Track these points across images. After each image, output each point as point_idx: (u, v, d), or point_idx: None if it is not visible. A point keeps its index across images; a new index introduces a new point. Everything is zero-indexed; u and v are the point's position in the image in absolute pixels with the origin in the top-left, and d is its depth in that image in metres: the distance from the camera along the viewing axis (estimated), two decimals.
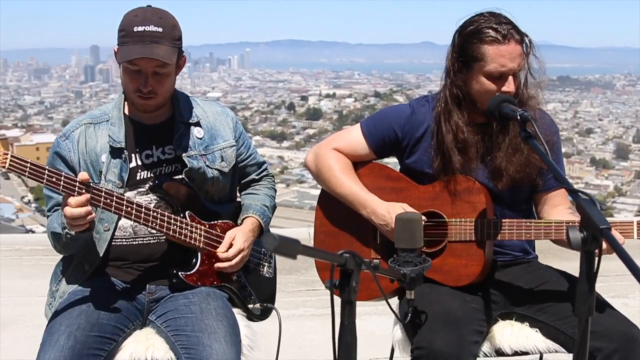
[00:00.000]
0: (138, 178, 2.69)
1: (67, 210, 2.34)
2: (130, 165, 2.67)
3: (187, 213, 2.68)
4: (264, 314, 2.94)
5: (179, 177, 2.70)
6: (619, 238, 2.50)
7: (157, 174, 2.71)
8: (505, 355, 2.69)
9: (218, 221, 2.78)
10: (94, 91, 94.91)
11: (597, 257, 1.89)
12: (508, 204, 2.81)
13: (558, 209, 2.81)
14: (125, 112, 2.74)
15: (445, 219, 2.75)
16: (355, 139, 2.90)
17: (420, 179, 2.83)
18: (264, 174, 3.04)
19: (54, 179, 2.33)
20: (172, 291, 2.70)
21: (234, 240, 2.74)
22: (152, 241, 2.70)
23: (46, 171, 2.33)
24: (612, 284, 5.26)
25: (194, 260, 2.71)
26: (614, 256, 1.87)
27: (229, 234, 2.76)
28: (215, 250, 2.72)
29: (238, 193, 3.02)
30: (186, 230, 2.66)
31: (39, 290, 3.42)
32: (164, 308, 2.66)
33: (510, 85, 2.63)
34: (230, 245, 2.73)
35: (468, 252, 2.72)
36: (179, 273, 2.66)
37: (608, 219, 1.90)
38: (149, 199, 2.68)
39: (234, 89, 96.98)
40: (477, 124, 2.75)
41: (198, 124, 2.78)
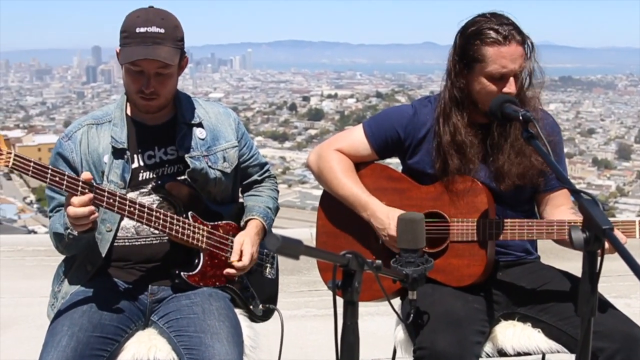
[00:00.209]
0: (140, 179, 2.69)
1: (70, 210, 2.34)
2: (132, 166, 2.67)
3: (190, 213, 2.68)
4: (266, 315, 2.94)
5: (182, 178, 2.71)
6: (622, 238, 2.50)
7: (160, 174, 2.71)
8: (507, 355, 2.69)
9: (221, 222, 2.77)
10: (96, 92, 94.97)
11: (600, 258, 1.89)
12: (510, 204, 2.81)
13: (560, 209, 2.81)
14: (128, 113, 2.74)
15: (448, 220, 2.75)
16: (357, 139, 2.90)
17: (422, 180, 2.83)
18: (266, 174, 3.04)
19: (57, 179, 2.33)
20: (175, 292, 2.70)
21: (243, 246, 2.74)
22: (155, 242, 2.70)
23: (49, 171, 2.33)
24: (614, 284, 5.25)
25: (196, 260, 2.71)
26: (616, 256, 1.86)
27: (238, 239, 2.76)
28: (219, 252, 2.72)
29: (240, 194, 3.02)
30: (189, 231, 2.66)
31: (41, 291, 3.42)
32: (167, 309, 2.66)
33: (511, 86, 2.63)
34: (241, 252, 2.73)
35: (470, 253, 2.72)
36: (182, 273, 2.66)
37: (610, 219, 1.90)
38: (151, 200, 2.68)
39: (236, 90, 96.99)
40: (479, 124, 2.75)
41: (200, 125, 2.78)
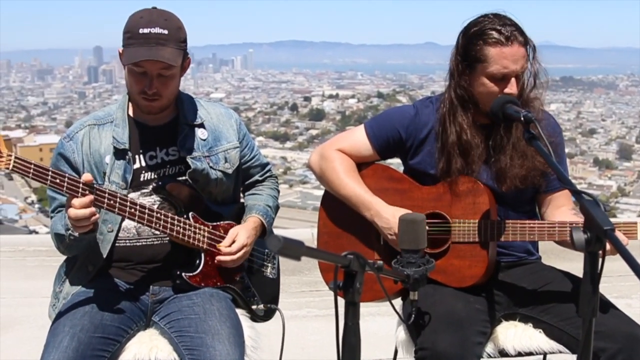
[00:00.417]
0: (142, 179, 2.69)
1: (71, 212, 2.34)
2: (134, 167, 2.67)
3: (191, 214, 2.68)
4: (268, 315, 2.94)
5: (183, 179, 2.71)
6: (623, 239, 2.50)
7: (161, 175, 2.71)
8: (508, 356, 2.69)
9: (221, 222, 2.78)
10: (97, 92, 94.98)
11: (601, 258, 1.89)
12: (512, 204, 2.81)
13: (561, 209, 2.81)
14: (129, 114, 2.74)
15: (449, 220, 2.75)
16: (359, 140, 2.90)
17: (423, 180, 2.83)
18: (267, 175, 3.04)
19: (57, 180, 2.33)
20: (176, 292, 2.70)
21: (237, 237, 2.73)
22: (156, 242, 2.70)
23: (50, 172, 2.32)
24: (616, 285, 5.25)
25: (197, 261, 2.71)
26: (617, 257, 1.87)
27: (232, 230, 2.76)
28: (219, 246, 2.72)
29: (242, 194, 3.02)
30: (189, 232, 2.66)
31: (42, 291, 3.43)
32: (168, 309, 2.66)
33: (513, 87, 2.63)
34: (233, 241, 2.73)
35: (472, 253, 2.72)
36: (183, 274, 2.67)
37: (611, 220, 1.90)
38: (152, 200, 2.68)
39: (237, 90, 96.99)
40: (481, 125, 2.75)
41: (202, 126, 2.78)
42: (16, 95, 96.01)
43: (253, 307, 2.86)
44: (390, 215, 2.76)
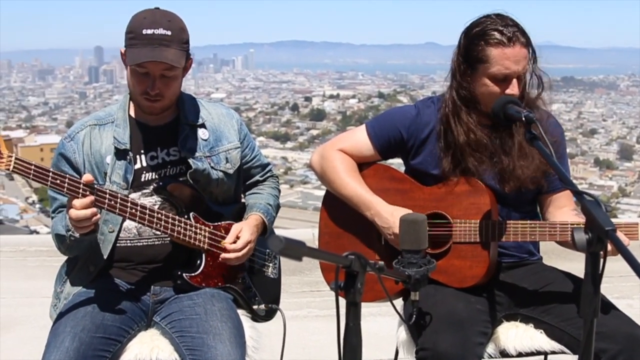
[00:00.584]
0: (143, 179, 2.69)
1: (72, 213, 2.34)
2: (135, 167, 2.67)
3: (192, 214, 2.68)
4: (269, 315, 2.94)
5: (184, 179, 2.71)
6: (624, 240, 2.50)
7: (162, 175, 2.71)
8: (509, 356, 2.69)
9: (222, 222, 2.77)
10: (98, 92, 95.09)
11: (602, 259, 1.89)
12: (513, 205, 2.81)
13: (563, 210, 2.81)
14: (130, 114, 2.74)
15: (450, 220, 2.74)
16: (360, 139, 2.90)
17: (425, 180, 2.82)
18: (268, 175, 3.04)
19: (58, 181, 2.33)
20: (177, 292, 2.70)
21: (241, 233, 2.73)
22: (157, 242, 2.70)
23: (50, 173, 2.32)
24: (617, 285, 5.26)
25: (198, 261, 2.71)
26: (618, 257, 1.86)
27: (235, 226, 2.75)
28: (222, 243, 2.71)
29: (242, 194, 3.02)
30: (190, 232, 2.66)
31: (43, 291, 3.43)
32: (169, 309, 2.66)
33: (514, 88, 2.62)
34: (237, 238, 2.73)
35: (473, 254, 2.72)
36: (184, 274, 2.67)
37: (612, 220, 1.90)
38: (153, 201, 2.68)
39: (238, 90, 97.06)
40: (484, 125, 2.75)
41: (203, 126, 2.78)
42: (17, 96, 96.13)
43: (254, 307, 2.86)
44: (389, 215, 2.75)
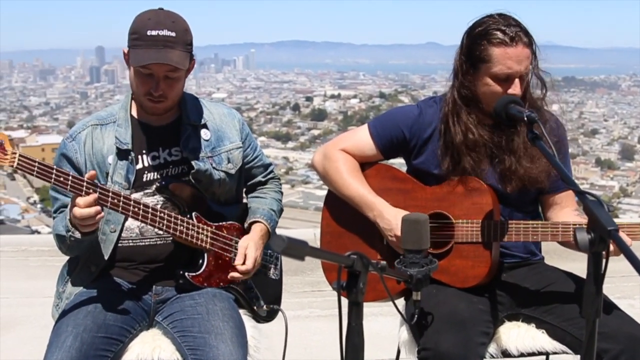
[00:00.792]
0: (145, 180, 2.69)
1: (77, 211, 2.34)
2: (136, 167, 2.67)
3: (194, 214, 2.68)
4: (270, 316, 2.94)
5: (186, 179, 2.70)
6: (626, 240, 2.49)
7: (164, 175, 2.70)
8: (511, 356, 2.69)
9: (225, 222, 2.77)
10: (99, 92, 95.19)
11: (605, 259, 1.89)
12: (515, 205, 2.80)
13: (565, 210, 2.81)
14: (132, 114, 2.73)
15: (452, 220, 2.74)
16: (362, 139, 2.89)
17: (427, 180, 2.82)
18: (270, 176, 3.03)
19: (61, 179, 2.33)
20: (179, 292, 2.70)
21: (247, 250, 2.74)
22: (159, 242, 2.70)
23: (54, 171, 2.33)
24: (618, 285, 5.26)
25: (200, 261, 2.71)
26: (619, 257, 1.86)
27: (242, 244, 2.76)
28: (223, 253, 2.73)
29: (244, 195, 3.02)
30: (193, 231, 2.66)
31: (45, 291, 3.43)
32: (171, 309, 2.66)
33: (517, 87, 2.62)
34: (245, 256, 2.73)
35: (475, 254, 2.72)
36: (186, 274, 2.67)
37: (614, 220, 1.90)
38: (155, 200, 2.68)
39: (239, 90, 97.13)
40: (486, 125, 2.74)
41: (205, 126, 2.78)
42: (18, 96, 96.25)
43: (256, 308, 2.87)
44: (392, 217, 2.75)
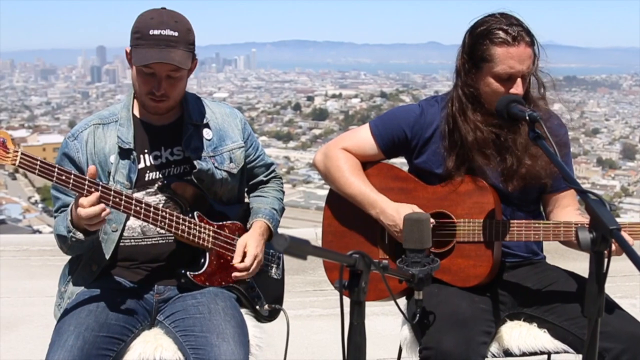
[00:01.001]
0: (147, 179, 2.69)
1: (82, 212, 2.34)
2: (138, 166, 2.67)
3: (196, 213, 2.68)
4: (272, 315, 2.94)
5: (188, 178, 2.70)
6: (628, 239, 2.49)
7: (166, 174, 2.70)
8: (513, 355, 2.68)
9: (226, 222, 2.78)
10: (101, 92, 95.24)
11: (607, 258, 1.88)
12: (517, 204, 2.80)
13: (567, 210, 2.81)
14: (134, 113, 2.74)
15: (454, 220, 2.74)
16: (364, 139, 2.89)
17: (428, 179, 2.82)
18: (272, 175, 3.04)
19: (63, 177, 2.34)
20: (181, 291, 2.71)
21: (247, 248, 2.73)
22: (161, 241, 2.70)
23: (56, 169, 2.33)
24: (620, 285, 5.26)
25: (202, 260, 2.71)
26: (621, 257, 1.86)
27: (240, 241, 2.76)
28: (225, 252, 2.73)
29: (246, 194, 3.02)
30: (195, 231, 2.66)
31: (46, 291, 3.43)
32: (172, 308, 2.66)
33: (519, 87, 2.62)
34: (244, 254, 2.73)
35: (476, 253, 2.72)
36: (188, 273, 2.67)
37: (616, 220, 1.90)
38: (157, 200, 2.68)
39: (240, 90, 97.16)
40: (489, 124, 2.73)
41: (207, 126, 2.78)
42: (19, 95, 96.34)
43: (257, 307, 2.87)
44: (394, 212, 2.75)
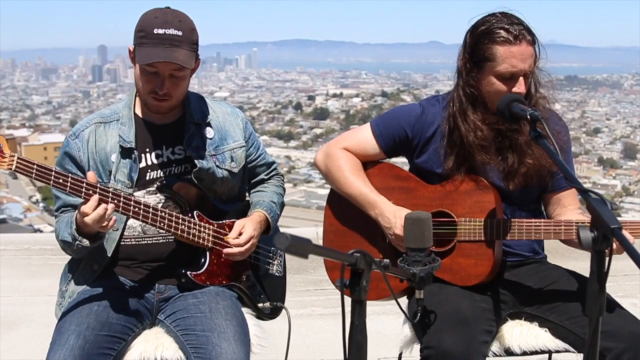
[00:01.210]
0: (148, 178, 2.69)
1: (87, 219, 2.35)
2: (140, 165, 2.67)
3: (196, 213, 2.68)
4: (274, 313, 2.94)
5: (188, 177, 2.70)
6: (629, 238, 2.49)
7: (167, 174, 2.70)
8: (514, 355, 2.68)
9: (226, 221, 2.77)
10: (102, 91, 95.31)
11: (608, 257, 1.88)
12: (518, 203, 2.80)
13: (568, 209, 2.80)
14: (136, 112, 2.73)
15: (455, 219, 2.74)
16: (365, 138, 2.89)
17: (429, 179, 2.82)
18: (273, 173, 3.04)
19: (60, 180, 2.33)
20: (181, 291, 2.71)
21: (244, 228, 2.73)
22: (161, 241, 2.70)
23: (53, 172, 2.33)
24: (621, 284, 5.26)
25: (202, 259, 2.71)
26: (622, 256, 1.86)
27: (238, 222, 2.75)
28: (225, 238, 2.72)
29: (247, 193, 3.01)
30: (194, 230, 2.66)
31: (47, 290, 3.43)
32: (173, 307, 2.66)
33: (521, 86, 2.61)
34: (240, 233, 2.72)
35: (477, 252, 2.72)
36: (188, 272, 2.67)
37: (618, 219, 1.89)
38: (157, 199, 2.68)
39: (241, 89, 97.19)
40: (490, 123, 2.74)
41: (208, 125, 2.78)
42: (20, 94, 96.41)
43: (259, 305, 2.86)
44: (391, 215, 2.75)
